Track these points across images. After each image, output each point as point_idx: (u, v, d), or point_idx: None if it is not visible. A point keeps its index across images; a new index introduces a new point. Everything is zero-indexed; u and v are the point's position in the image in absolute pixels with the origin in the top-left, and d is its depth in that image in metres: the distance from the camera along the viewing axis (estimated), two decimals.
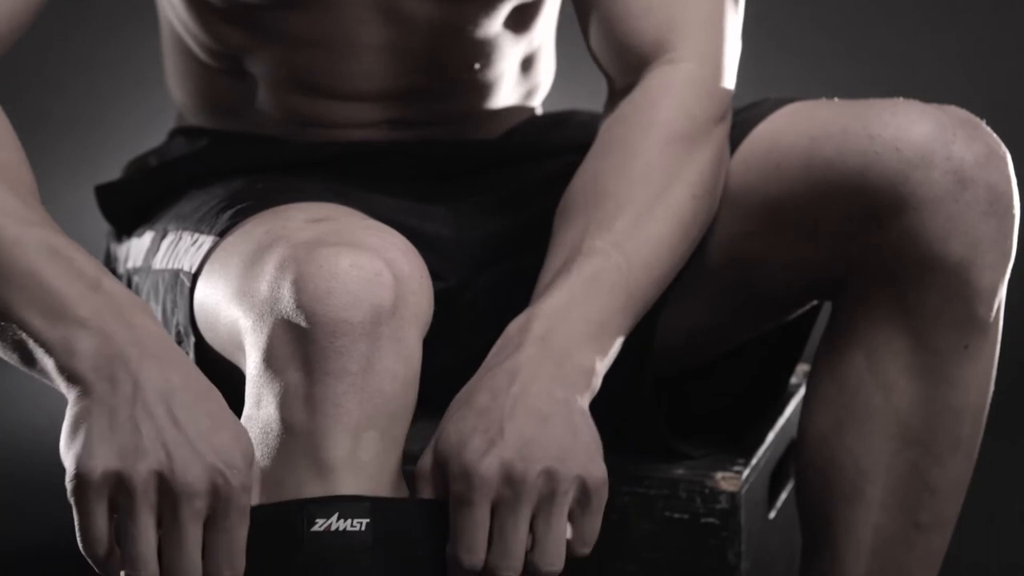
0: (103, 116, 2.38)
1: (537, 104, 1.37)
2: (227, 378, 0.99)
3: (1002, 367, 1.14)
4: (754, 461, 1.24)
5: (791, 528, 1.37)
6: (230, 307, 0.99)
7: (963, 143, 1.07)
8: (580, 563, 1.25)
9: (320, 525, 0.92)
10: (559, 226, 1.09)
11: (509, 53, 1.27)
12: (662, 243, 1.06)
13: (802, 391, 1.40)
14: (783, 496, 1.35)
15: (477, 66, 1.25)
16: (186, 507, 0.86)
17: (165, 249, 1.16)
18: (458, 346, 1.28)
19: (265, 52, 1.22)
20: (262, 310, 0.95)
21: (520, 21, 1.26)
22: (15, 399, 2.21)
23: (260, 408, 0.94)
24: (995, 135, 1.09)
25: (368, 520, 0.92)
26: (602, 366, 1.02)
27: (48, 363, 0.90)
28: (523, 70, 1.31)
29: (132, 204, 1.29)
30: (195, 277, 1.07)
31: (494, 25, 1.23)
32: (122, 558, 0.88)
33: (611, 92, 1.15)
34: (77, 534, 0.88)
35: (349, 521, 0.92)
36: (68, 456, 0.88)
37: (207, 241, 1.09)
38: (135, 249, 1.23)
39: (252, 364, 0.95)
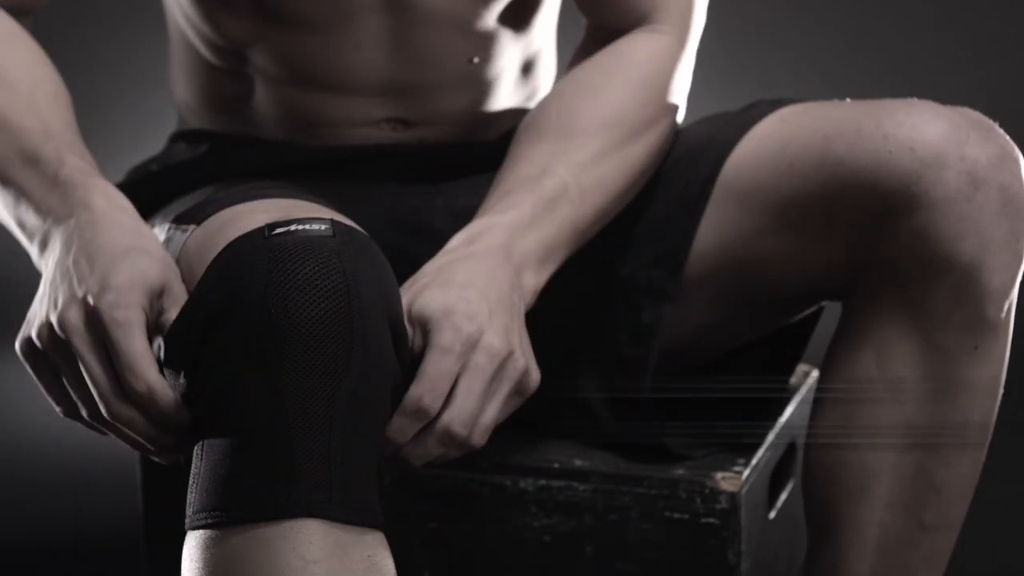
0: (103, 117, 2.38)
1: None
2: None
3: (1012, 369, 1.14)
4: (754, 461, 1.25)
5: (791, 528, 1.37)
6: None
7: (976, 144, 1.07)
8: (580, 563, 1.25)
9: (280, 230, 0.97)
10: (526, 140, 1.18)
11: (508, 50, 1.27)
12: (613, 187, 1.16)
13: (803, 391, 1.40)
14: (783, 496, 1.35)
15: (476, 60, 1.25)
16: (76, 344, 0.96)
17: None
18: None
19: (267, 43, 1.22)
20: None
21: (518, 17, 1.26)
22: (15, 399, 2.21)
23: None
24: (1008, 137, 1.09)
25: (328, 225, 0.97)
26: (538, 289, 1.10)
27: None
28: (523, 73, 1.31)
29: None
30: None
31: (491, 16, 1.23)
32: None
33: (589, 35, 1.27)
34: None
35: (308, 225, 0.97)
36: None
37: (176, 235, 1.10)
38: None
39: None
